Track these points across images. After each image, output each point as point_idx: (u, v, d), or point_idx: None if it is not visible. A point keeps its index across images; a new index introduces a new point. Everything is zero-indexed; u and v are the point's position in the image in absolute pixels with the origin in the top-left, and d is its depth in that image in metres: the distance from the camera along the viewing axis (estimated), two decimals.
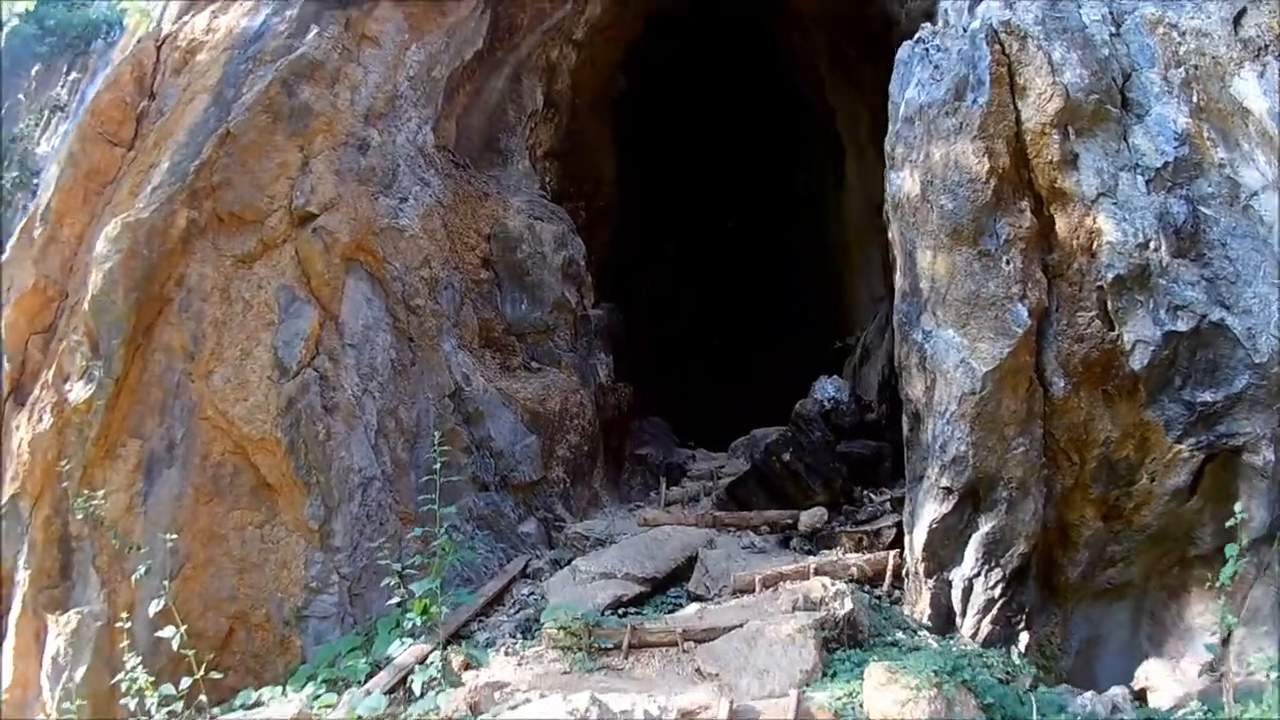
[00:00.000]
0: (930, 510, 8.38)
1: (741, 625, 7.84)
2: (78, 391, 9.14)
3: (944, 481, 8.27)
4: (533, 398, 11.28)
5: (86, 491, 8.76)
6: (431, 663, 7.73)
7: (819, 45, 15.78)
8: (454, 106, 12.52)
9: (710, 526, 10.64)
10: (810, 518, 10.22)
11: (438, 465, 8.24)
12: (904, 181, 9.08)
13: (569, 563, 10.09)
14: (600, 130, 16.10)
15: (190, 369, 9.46)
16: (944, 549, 8.33)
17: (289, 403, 9.48)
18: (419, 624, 8.12)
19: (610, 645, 8.11)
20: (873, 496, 10.46)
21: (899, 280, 9.21)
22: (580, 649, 8.04)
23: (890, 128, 9.60)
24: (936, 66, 9.03)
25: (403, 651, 8.01)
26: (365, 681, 8.19)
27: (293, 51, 10.70)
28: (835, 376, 12.07)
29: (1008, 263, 8.17)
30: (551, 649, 8.18)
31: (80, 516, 8.84)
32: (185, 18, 11.96)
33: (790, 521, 10.45)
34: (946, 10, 9.74)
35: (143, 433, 9.27)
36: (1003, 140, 8.32)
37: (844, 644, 7.80)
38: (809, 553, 9.90)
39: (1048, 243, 8.23)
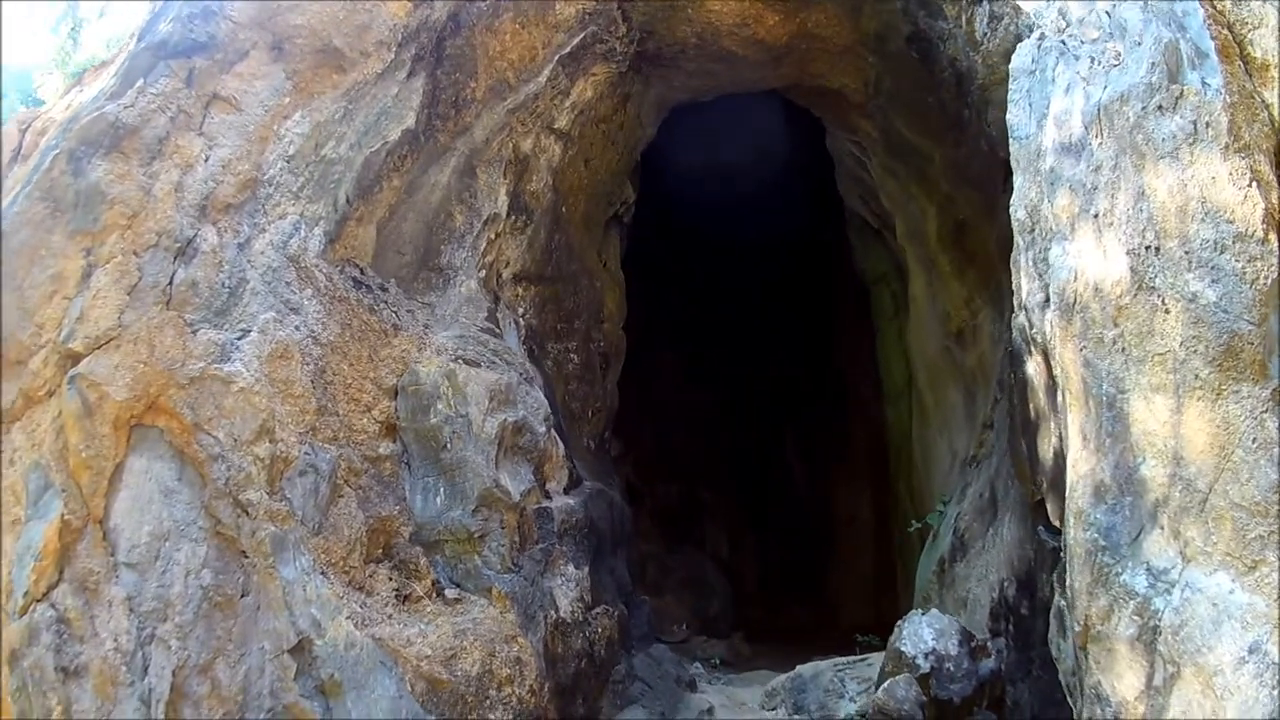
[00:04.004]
0: None
1: None
2: None
3: None
4: (434, 654, 6.67)
5: None
6: None
7: (868, 135, 11.77)
8: (373, 205, 8.51)
9: None
10: None
11: None
12: (1085, 256, 4.86)
13: None
14: (601, 250, 12.06)
15: None
16: None
17: (13, 656, 5.69)
18: None
19: None
20: None
21: (1081, 456, 4.87)
22: None
23: (1019, 180, 5.99)
24: (1102, 50, 5.03)
25: None
26: None
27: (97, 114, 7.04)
28: (932, 612, 7.39)
29: None
30: None
31: None
32: (67, 95, 8.59)
33: None
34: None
35: None
36: (1264, 156, 4.15)
37: None
38: None
39: None
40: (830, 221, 15.29)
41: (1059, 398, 5.52)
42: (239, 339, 6.75)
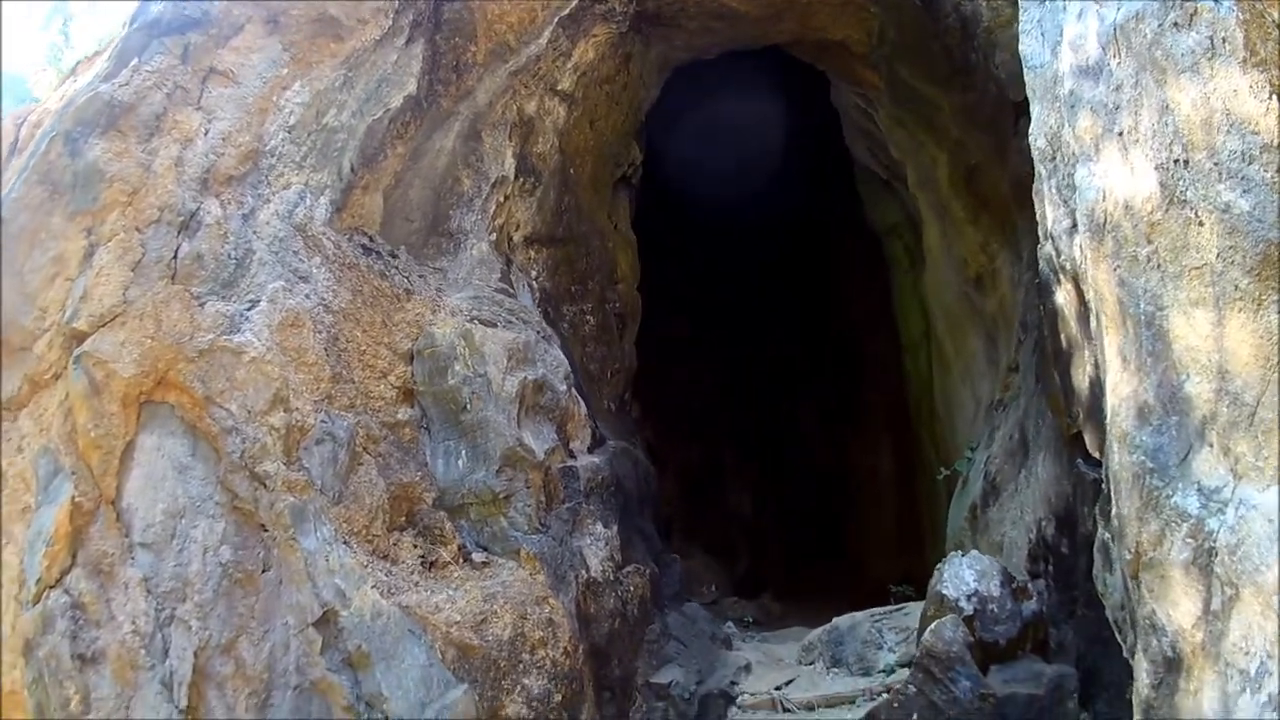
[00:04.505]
0: None
1: None
2: None
3: None
4: (464, 620, 6.44)
5: None
6: None
7: (874, 86, 11.44)
8: (379, 172, 8.28)
9: None
10: None
11: None
12: (1112, 175, 4.62)
13: None
14: (611, 212, 11.80)
15: None
16: None
17: (26, 646, 5.53)
18: None
19: None
20: None
21: (1121, 378, 4.61)
22: None
23: (1037, 109, 5.94)
24: None
25: None
26: None
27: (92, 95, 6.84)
28: (972, 554, 7.16)
29: None
30: None
31: None
32: (61, 88, 8.39)
33: None
34: None
35: None
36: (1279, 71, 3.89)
37: None
38: None
39: None
40: (834, 180, 14.96)
41: (1093, 323, 5.28)
42: (248, 309, 6.55)
